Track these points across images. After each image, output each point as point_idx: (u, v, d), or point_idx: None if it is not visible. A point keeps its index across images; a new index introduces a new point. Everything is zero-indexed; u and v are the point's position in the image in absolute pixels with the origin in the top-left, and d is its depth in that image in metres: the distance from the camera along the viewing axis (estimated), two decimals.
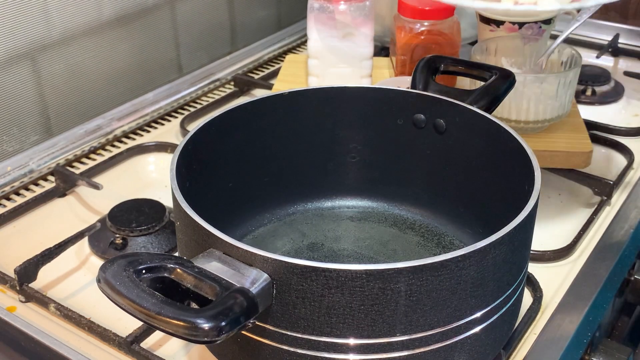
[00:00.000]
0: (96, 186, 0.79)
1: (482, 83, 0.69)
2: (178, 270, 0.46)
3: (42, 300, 0.65)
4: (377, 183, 0.72)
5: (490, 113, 0.64)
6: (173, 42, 1.04)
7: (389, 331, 0.48)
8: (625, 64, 1.12)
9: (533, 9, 0.66)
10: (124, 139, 0.93)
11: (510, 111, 0.78)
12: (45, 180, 0.84)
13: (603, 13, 1.18)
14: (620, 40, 1.15)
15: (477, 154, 0.65)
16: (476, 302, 0.50)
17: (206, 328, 0.42)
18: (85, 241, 0.73)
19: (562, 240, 0.73)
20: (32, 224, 0.78)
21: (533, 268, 0.69)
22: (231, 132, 0.65)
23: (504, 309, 0.53)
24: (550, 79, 0.77)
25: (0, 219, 0.77)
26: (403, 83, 0.81)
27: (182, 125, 0.93)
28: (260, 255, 0.46)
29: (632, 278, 0.74)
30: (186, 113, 0.98)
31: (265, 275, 0.46)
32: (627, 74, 1.07)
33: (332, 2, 0.84)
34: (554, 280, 0.69)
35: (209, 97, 1.03)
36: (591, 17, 0.84)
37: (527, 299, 0.65)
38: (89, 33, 0.92)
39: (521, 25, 0.89)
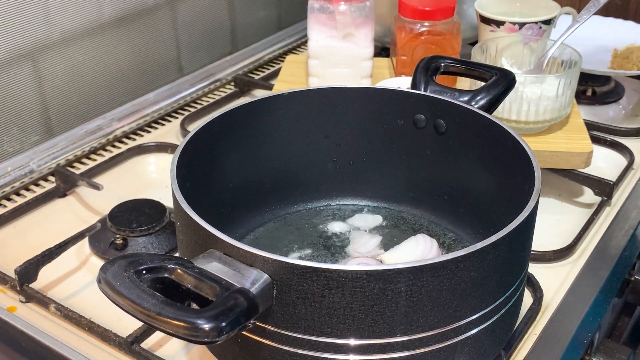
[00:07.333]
0: (96, 186, 0.79)
1: (482, 83, 0.69)
2: (178, 270, 0.46)
3: (42, 300, 0.65)
4: (377, 183, 0.72)
5: (490, 113, 0.64)
6: (173, 43, 1.04)
7: (389, 332, 0.48)
8: None
9: None
10: (124, 140, 0.93)
11: (511, 111, 0.78)
12: (46, 180, 0.84)
13: (603, 13, 1.18)
14: None
15: (477, 154, 0.65)
16: (476, 302, 0.50)
17: (207, 329, 0.42)
18: (85, 241, 0.73)
19: (562, 240, 0.73)
20: (32, 224, 0.78)
21: (533, 268, 0.69)
22: (231, 132, 0.65)
23: (504, 310, 0.53)
24: (550, 79, 0.77)
25: (1, 219, 0.77)
26: (403, 83, 0.81)
27: (183, 125, 0.93)
28: (261, 255, 0.46)
29: (632, 278, 0.74)
30: (186, 113, 0.98)
31: (266, 276, 0.46)
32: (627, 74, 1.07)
33: (333, 2, 0.84)
34: (554, 281, 0.69)
35: (209, 97, 1.03)
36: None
37: (528, 299, 0.65)
38: (90, 34, 0.92)
39: (521, 25, 0.89)
